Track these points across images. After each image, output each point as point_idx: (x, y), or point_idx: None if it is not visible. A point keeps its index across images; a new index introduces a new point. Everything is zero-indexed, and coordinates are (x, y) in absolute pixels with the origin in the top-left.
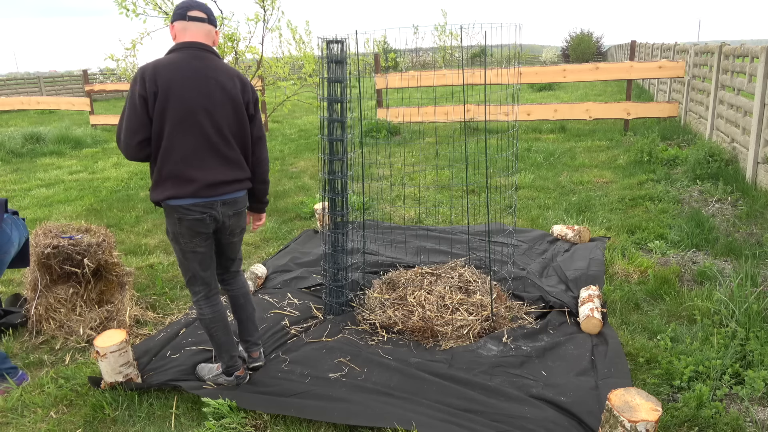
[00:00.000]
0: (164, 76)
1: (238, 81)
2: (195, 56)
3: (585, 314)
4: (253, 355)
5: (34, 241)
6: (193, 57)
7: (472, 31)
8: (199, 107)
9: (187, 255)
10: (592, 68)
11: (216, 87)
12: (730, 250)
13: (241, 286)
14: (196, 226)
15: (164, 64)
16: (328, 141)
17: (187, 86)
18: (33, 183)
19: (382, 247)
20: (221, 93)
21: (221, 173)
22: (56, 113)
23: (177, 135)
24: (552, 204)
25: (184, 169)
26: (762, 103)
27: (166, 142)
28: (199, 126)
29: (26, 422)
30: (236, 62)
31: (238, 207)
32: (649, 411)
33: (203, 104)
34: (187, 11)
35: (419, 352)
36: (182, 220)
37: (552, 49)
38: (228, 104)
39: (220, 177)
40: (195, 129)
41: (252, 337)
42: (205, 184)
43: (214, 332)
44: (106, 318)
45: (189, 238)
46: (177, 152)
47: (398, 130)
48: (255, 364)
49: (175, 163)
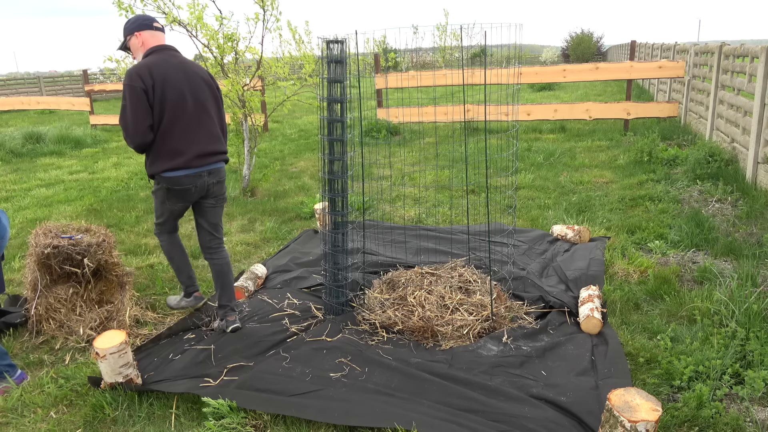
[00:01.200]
0: (157, 71)
1: (204, 70)
2: (171, 55)
3: (585, 314)
4: (230, 319)
5: (34, 241)
6: (170, 56)
7: (472, 31)
8: (188, 92)
9: (166, 210)
10: (592, 68)
11: (195, 75)
12: (730, 250)
13: (224, 256)
14: (183, 194)
15: (154, 62)
16: (328, 141)
17: (176, 77)
18: (33, 183)
19: (382, 247)
20: (200, 80)
21: (208, 146)
22: (56, 113)
23: (174, 116)
24: (552, 204)
25: (178, 144)
26: (762, 103)
27: (166, 123)
28: (190, 107)
29: (26, 422)
30: (236, 62)
31: (220, 176)
32: (649, 411)
33: (190, 89)
34: (152, 22)
35: (419, 352)
36: (171, 190)
37: (552, 49)
38: (206, 88)
39: (207, 149)
40: (187, 110)
41: (230, 302)
42: (195, 155)
43: (174, 254)
44: (106, 318)
45: (174, 203)
46: (175, 130)
47: (398, 130)
48: (234, 326)
49: (172, 139)
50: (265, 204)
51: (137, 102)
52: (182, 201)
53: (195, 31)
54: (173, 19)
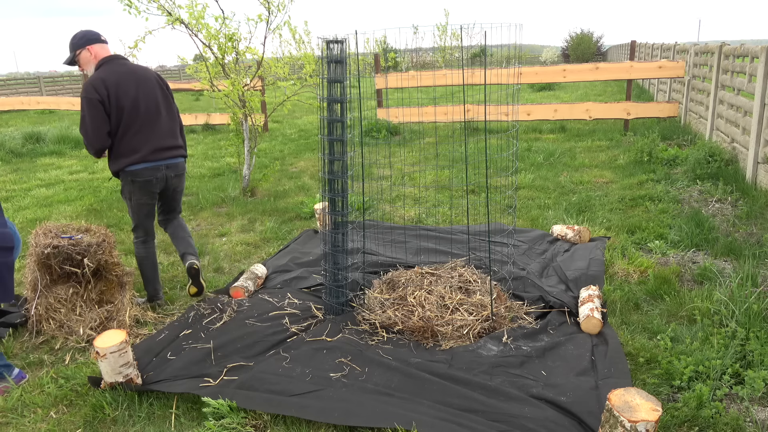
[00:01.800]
0: (111, 81)
1: (153, 73)
2: (121, 64)
3: (585, 314)
4: (190, 260)
5: (34, 241)
6: (120, 65)
7: (472, 31)
8: (140, 96)
9: (136, 207)
10: (592, 68)
11: (145, 79)
12: (730, 250)
13: (178, 221)
14: (146, 186)
15: (106, 73)
16: (328, 141)
17: (128, 83)
18: (33, 183)
19: (382, 247)
20: (149, 82)
21: (163, 141)
22: (56, 113)
23: (129, 119)
24: (552, 204)
25: (136, 143)
26: (762, 103)
27: (122, 126)
28: (143, 109)
29: (26, 422)
30: (236, 62)
31: (178, 170)
32: (649, 411)
33: (143, 93)
34: (99, 36)
35: (419, 352)
36: (134, 182)
37: (552, 49)
38: (156, 89)
39: (162, 144)
40: (140, 112)
41: (189, 248)
42: (151, 150)
43: (145, 267)
44: (106, 318)
45: (140, 196)
46: (130, 131)
47: (398, 130)
48: (195, 266)
49: (129, 140)
50: (265, 204)
51: (95, 112)
52: (146, 194)
53: (196, 31)
54: (175, 18)
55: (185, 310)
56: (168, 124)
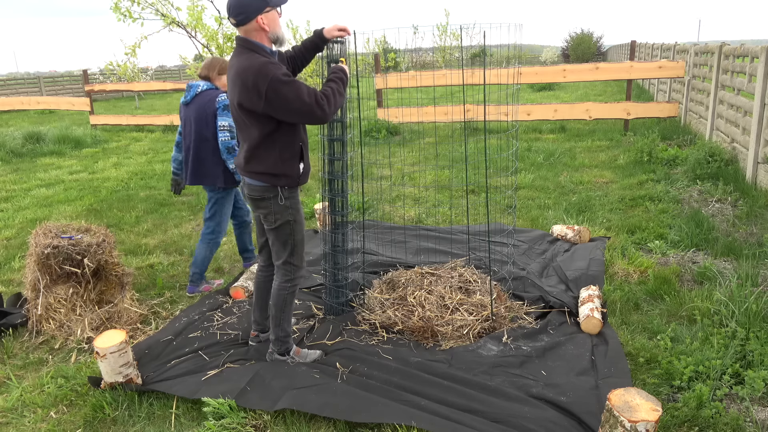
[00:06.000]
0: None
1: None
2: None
3: (585, 314)
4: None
5: (34, 241)
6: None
7: (472, 31)
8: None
9: (300, 238)
10: (592, 68)
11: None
12: (730, 250)
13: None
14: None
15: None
16: (328, 141)
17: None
18: (33, 183)
19: (382, 247)
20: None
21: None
22: (56, 113)
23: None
24: (552, 204)
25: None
26: (762, 103)
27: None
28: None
29: (26, 422)
30: None
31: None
32: (649, 411)
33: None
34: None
35: (419, 352)
36: (297, 196)
37: (552, 49)
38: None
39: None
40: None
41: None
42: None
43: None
44: (106, 318)
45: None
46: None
47: (398, 130)
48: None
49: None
50: None
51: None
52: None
53: (194, 32)
54: (171, 20)
55: (185, 310)
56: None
